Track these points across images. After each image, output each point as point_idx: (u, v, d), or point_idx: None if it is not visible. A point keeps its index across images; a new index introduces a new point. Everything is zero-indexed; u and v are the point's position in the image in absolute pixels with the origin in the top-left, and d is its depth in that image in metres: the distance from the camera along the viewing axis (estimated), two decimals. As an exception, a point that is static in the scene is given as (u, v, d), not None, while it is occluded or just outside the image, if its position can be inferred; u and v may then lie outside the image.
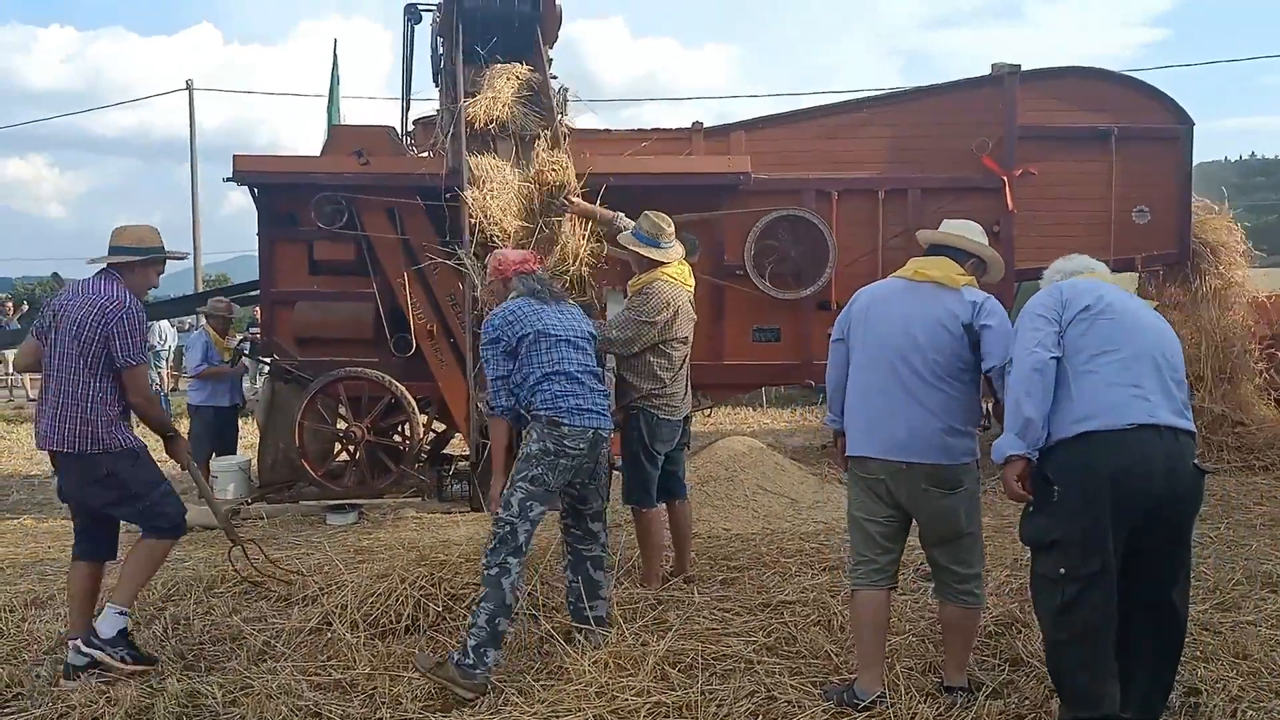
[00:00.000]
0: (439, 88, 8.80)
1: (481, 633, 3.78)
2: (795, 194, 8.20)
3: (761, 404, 15.24)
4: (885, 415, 3.58)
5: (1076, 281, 3.40)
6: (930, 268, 3.70)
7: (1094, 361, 3.16)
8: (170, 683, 3.84)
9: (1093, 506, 3.06)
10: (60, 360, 4.03)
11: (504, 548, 3.90)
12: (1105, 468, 3.05)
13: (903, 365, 3.57)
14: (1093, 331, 3.20)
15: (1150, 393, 3.11)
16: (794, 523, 6.81)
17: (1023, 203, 8.27)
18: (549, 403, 4.04)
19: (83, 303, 4.04)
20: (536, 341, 4.12)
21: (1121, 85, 8.80)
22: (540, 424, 4.02)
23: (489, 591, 3.86)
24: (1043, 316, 3.26)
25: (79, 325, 4.00)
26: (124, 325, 4.01)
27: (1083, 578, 3.07)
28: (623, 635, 4.07)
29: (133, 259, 4.17)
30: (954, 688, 3.66)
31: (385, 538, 6.42)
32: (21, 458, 11.52)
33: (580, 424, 4.04)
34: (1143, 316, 3.30)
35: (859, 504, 3.70)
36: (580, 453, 4.05)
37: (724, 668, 3.88)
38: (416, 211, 7.77)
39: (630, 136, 8.39)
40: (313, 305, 7.96)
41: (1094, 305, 3.25)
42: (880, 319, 3.68)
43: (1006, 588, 4.82)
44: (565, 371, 4.11)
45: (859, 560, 3.68)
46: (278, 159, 8.50)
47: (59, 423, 4.00)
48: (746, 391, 12.14)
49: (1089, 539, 3.07)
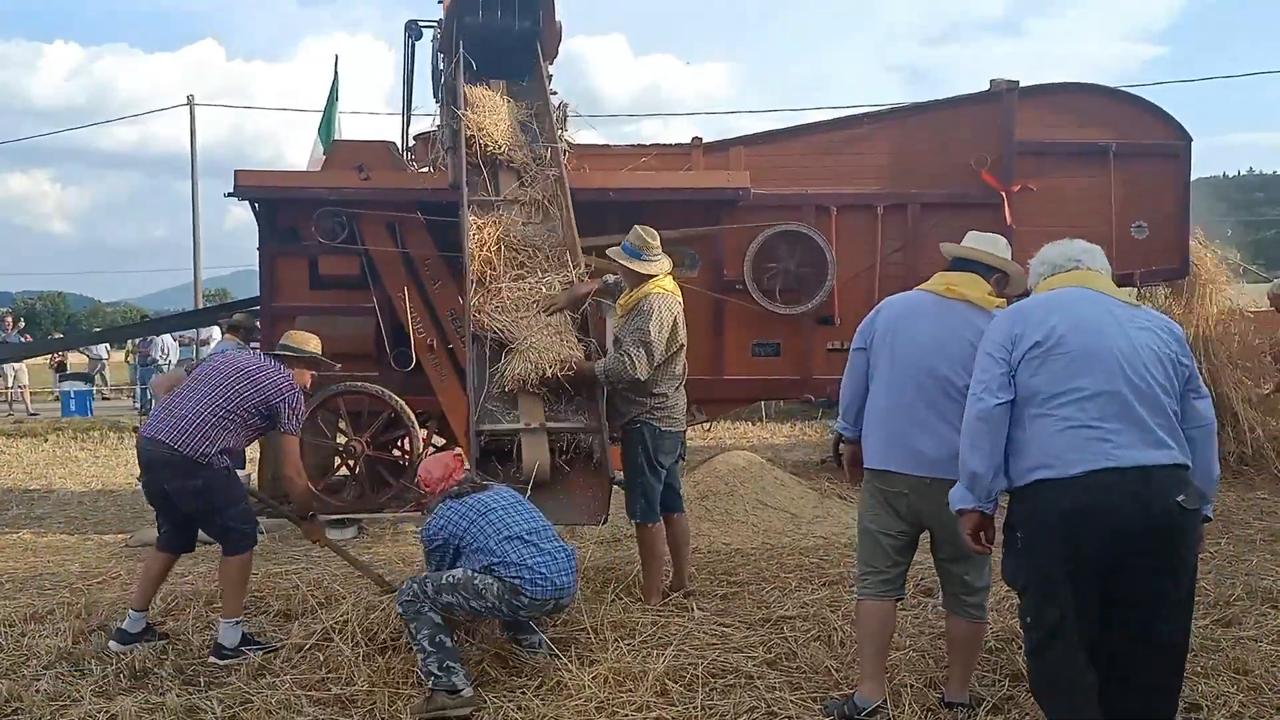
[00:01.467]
0: (439, 103, 8.85)
1: (431, 654, 3.77)
2: (794, 209, 8.21)
3: (761, 418, 15.23)
4: (911, 430, 3.57)
5: (1036, 303, 3.12)
6: (962, 285, 3.68)
7: (1047, 405, 2.92)
8: (170, 698, 3.84)
9: (1043, 557, 2.90)
10: (217, 390, 4.55)
11: (415, 606, 3.88)
12: (1054, 517, 2.87)
13: (931, 383, 3.56)
14: (1044, 370, 2.94)
15: (1112, 432, 2.84)
16: (794, 537, 6.80)
17: (1021, 218, 8.27)
18: (516, 565, 3.91)
19: (260, 365, 4.69)
20: (475, 524, 4.05)
21: (1120, 101, 8.83)
22: (502, 584, 3.89)
23: (416, 623, 3.85)
24: (990, 356, 3.04)
25: (247, 378, 4.58)
26: (294, 399, 4.65)
27: (1043, 626, 2.94)
28: (623, 651, 4.06)
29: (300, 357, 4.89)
30: (956, 703, 3.66)
31: (385, 552, 6.41)
32: (21, 472, 11.51)
33: (541, 596, 3.92)
34: (1107, 338, 2.94)
35: (873, 516, 3.69)
36: (531, 618, 4.06)
37: (724, 683, 3.87)
38: (417, 226, 7.80)
39: (630, 152, 8.42)
40: (313, 320, 7.96)
41: (1045, 340, 2.96)
42: (909, 335, 3.65)
43: (1008, 603, 4.80)
44: (515, 534, 4.01)
45: (867, 570, 3.69)
46: (278, 174, 8.53)
47: (181, 423, 4.46)
48: (746, 406, 12.12)
49: (1045, 589, 2.92)
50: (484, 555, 3.94)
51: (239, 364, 4.68)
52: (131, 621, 4.55)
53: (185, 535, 4.73)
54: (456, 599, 3.89)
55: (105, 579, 5.75)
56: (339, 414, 7.76)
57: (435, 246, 7.81)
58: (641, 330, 4.94)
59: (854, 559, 4.19)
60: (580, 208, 6.91)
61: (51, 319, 46.82)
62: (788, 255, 8.11)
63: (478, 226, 6.45)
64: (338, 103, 11.79)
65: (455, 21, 8.20)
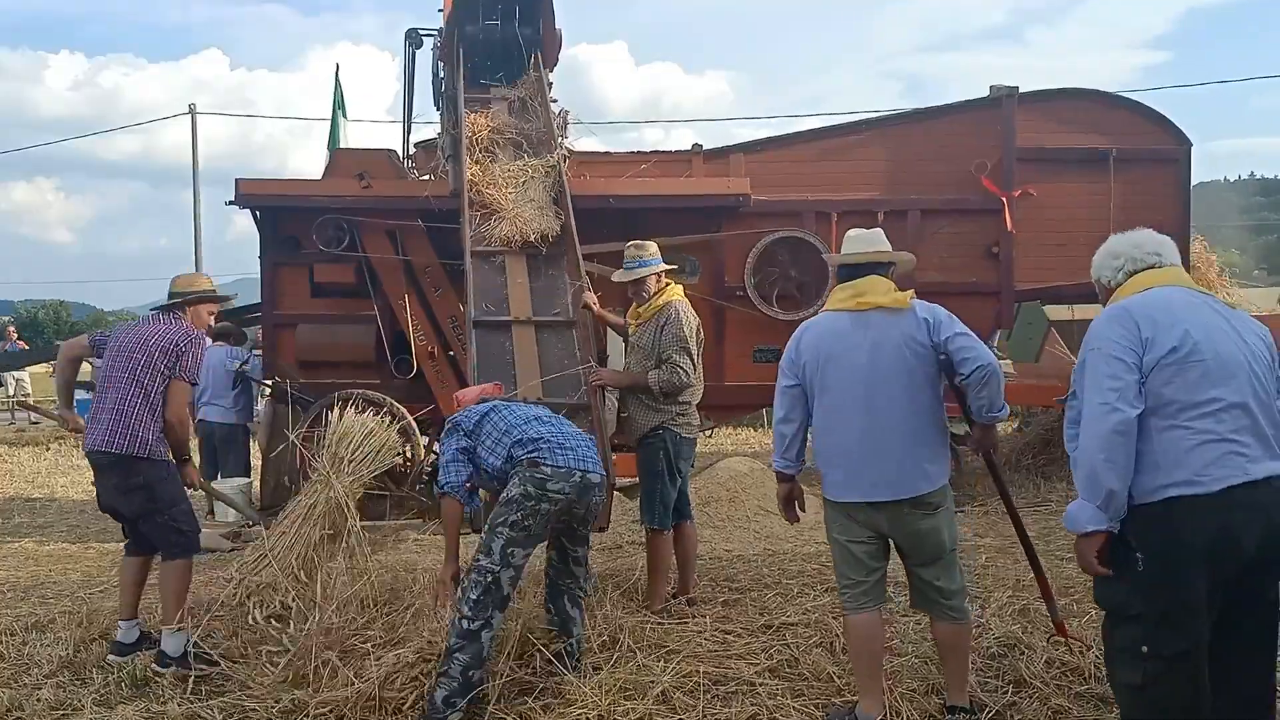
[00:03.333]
0: (440, 111, 8.87)
1: (453, 683, 3.64)
2: (795, 216, 8.23)
3: (763, 424, 15.21)
4: (871, 458, 3.51)
5: (1151, 304, 2.85)
6: (871, 293, 3.60)
7: (1181, 415, 2.71)
8: (171, 706, 3.84)
9: (1181, 581, 2.67)
10: (129, 372, 4.45)
11: (489, 599, 3.73)
12: (1196, 539, 2.66)
13: (876, 402, 3.50)
14: (1179, 379, 2.72)
15: (1246, 445, 2.70)
16: (796, 544, 6.79)
17: (1022, 224, 8.30)
18: (527, 447, 3.92)
19: (154, 328, 4.55)
20: (495, 412, 4.12)
21: (1120, 107, 8.85)
22: (520, 469, 3.87)
23: (465, 644, 3.68)
24: (1121, 361, 2.75)
25: (151, 345, 4.47)
26: (196, 345, 4.56)
27: (1168, 657, 2.69)
28: (625, 659, 4.05)
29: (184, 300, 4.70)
30: (957, 708, 3.65)
31: (386, 560, 6.39)
32: (23, 480, 11.51)
33: (564, 463, 3.86)
34: (1235, 346, 2.79)
35: (839, 527, 3.67)
36: (565, 496, 3.84)
37: (726, 690, 3.87)
38: (418, 234, 7.81)
39: (630, 159, 8.45)
40: (315, 328, 7.98)
41: (1181, 347, 2.73)
42: (839, 359, 3.56)
43: (1009, 609, 4.80)
44: (537, 416, 4.11)
45: (845, 584, 3.65)
46: (280, 182, 8.55)
47: (112, 426, 4.39)
48: (748, 412, 12.14)
49: (1177, 616, 2.68)
50: (504, 443, 3.97)
51: (136, 336, 4.54)
52: (123, 632, 4.53)
53: (148, 537, 4.63)
54: (501, 535, 3.77)
55: (107, 588, 5.73)
56: (340, 422, 7.75)
57: (436, 254, 7.82)
58: (679, 338, 4.99)
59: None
60: (581, 214, 6.93)
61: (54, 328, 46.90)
62: (788, 261, 8.12)
63: (472, 119, 7.39)
64: (342, 112, 11.80)
65: (456, 30, 8.23)
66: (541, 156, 7.34)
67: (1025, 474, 9.18)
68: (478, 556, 3.81)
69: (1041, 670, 3.94)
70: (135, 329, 4.60)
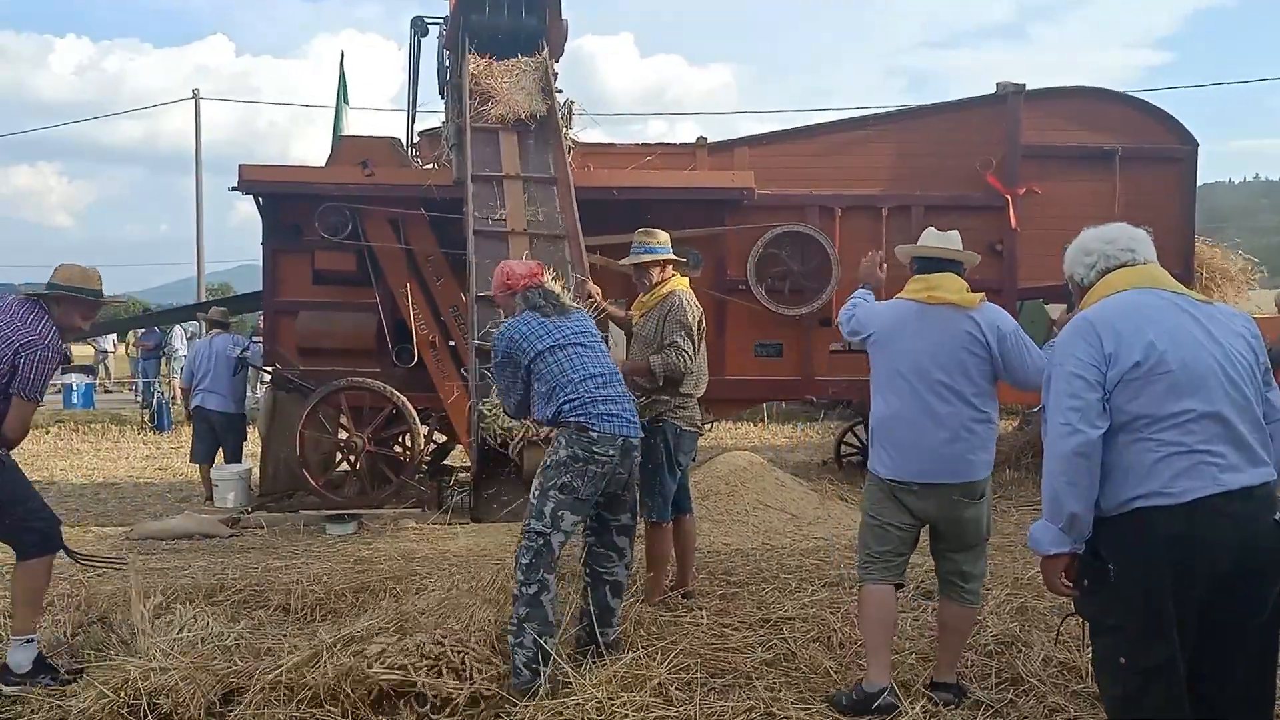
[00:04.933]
0: (445, 100, 8.85)
1: (529, 651, 3.72)
2: (799, 210, 8.22)
3: (762, 419, 15.23)
4: (919, 441, 3.63)
5: (1116, 314, 2.72)
6: (943, 289, 3.71)
7: (1147, 429, 2.62)
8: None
9: (1152, 594, 2.60)
10: None
11: (540, 562, 3.79)
12: (1165, 551, 2.58)
13: (929, 393, 3.62)
14: (1145, 394, 2.62)
15: (1218, 454, 2.60)
16: (794, 539, 6.79)
17: (1026, 221, 8.29)
18: (577, 409, 3.91)
19: (7, 319, 3.97)
20: (553, 353, 4.01)
21: (1126, 106, 8.84)
22: (568, 430, 3.89)
23: (530, 611, 3.75)
24: (1081, 378, 2.65)
25: None
26: (38, 354, 3.94)
27: (1144, 670, 2.64)
28: (623, 651, 4.05)
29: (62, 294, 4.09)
30: (943, 684, 3.72)
31: (385, 548, 6.41)
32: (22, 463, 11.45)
33: (610, 430, 3.89)
34: (1206, 353, 2.65)
35: (881, 509, 3.73)
36: (611, 459, 3.88)
37: (723, 683, 3.87)
38: (420, 222, 7.80)
39: (635, 151, 8.43)
40: (315, 315, 7.97)
41: (1145, 360, 2.62)
42: (901, 347, 3.69)
43: (1007, 606, 4.80)
44: (590, 374, 4.00)
45: (872, 557, 3.72)
46: (283, 169, 8.53)
47: None
48: (748, 407, 12.14)
49: (1151, 628, 2.61)
50: (557, 387, 3.94)
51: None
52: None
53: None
54: (552, 498, 3.81)
55: (105, 571, 5.73)
56: (340, 409, 7.77)
57: (438, 243, 7.81)
58: (681, 324, 4.98)
59: (854, 561, 4.16)
60: (584, 206, 6.93)
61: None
62: (791, 256, 8.11)
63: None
64: (345, 100, 11.78)
65: (461, 19, 8.20)
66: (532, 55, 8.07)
67: (1024, 472, 9.18)
68: (528, 521, 3.84)
69: (1039, 668, 3.94)
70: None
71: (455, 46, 8.36)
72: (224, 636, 4.35)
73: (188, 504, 8.53)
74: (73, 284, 4.11)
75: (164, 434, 14.41)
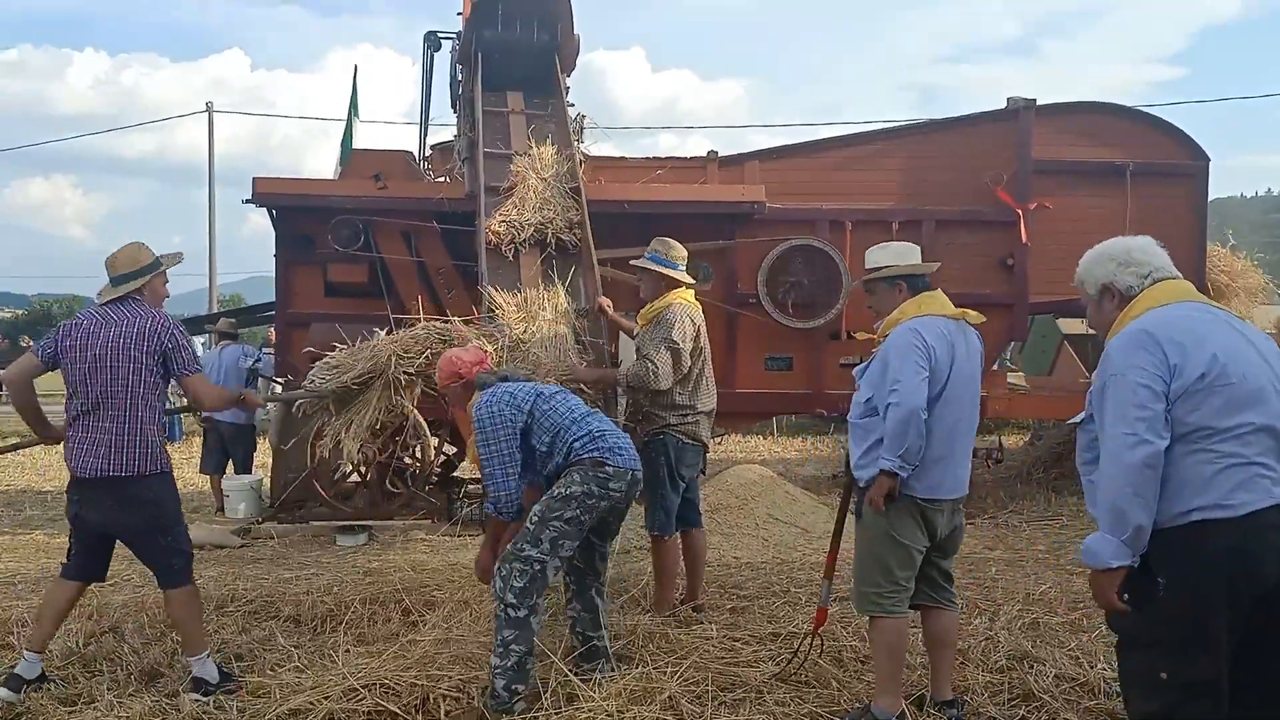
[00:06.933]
0: (457, 114, 8.90)
1: (511, 673, 3.72)
2: (809, 224, 8.23)
3: (773, 432, 15.21)
4: (959, 458, 3.71)
5: (1173, 326, 2.69)
6: (948, 305, 3.78)
7: (1205, 441, 2.61)
8: (183, 700, 3.85)
9: (1205, 607, 2.58)
10: (109, 385, 3.95)
11: (534, 587, 3.76)
12: (1220, 563, 2.57)
13: (965, 406, 3.70)
14: (1206, 405, 2.61)
15: (1272, 469, 2.61)
16: (804, 552, 6.78)
17: (1037, 236, 8.29)
18: (588, 444, 3.88)
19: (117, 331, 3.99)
20: (546, 400, 3.99)
21: (1137, 121, 8.83)
22: (583, 466, 3.85)
23: (518, 634, 3.73)
24: (1148, 388, 2.60)
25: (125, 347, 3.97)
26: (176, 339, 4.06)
27: (1186, 685, 2.60)
28: (634, 664, 4.05)
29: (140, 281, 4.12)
30: (949, 702, 3.72)
31: (395, 560, 6.42)
32: (34, 473, 11.58)
33: (622, 464, 3.89)
34: (1259, 367, 2.67)
35: (907, 533, 3.64)
36: (620, 494, 3.90)
37: (733, 697, 3.86)
38: (432, 234, 7.84)
39: (646, 164, 8.46)
40: (327, 327, 8.00)
41: (1209, 372, 2.61)
42: (957, 363, 3.65)
43: (1018, 622, 4.79)
44: (586, 412, 4.02)
45: (894, 588, 3.64)
46: (296, 181, 8.58)
47: (115, 446, 3.93)
48: (758, 420, 12.12)
49: (1200, 642, 2.59)
50: (561, 430, 3.89)
51: (104, 340, 3.99)
52: (27, 665, 4.05)
53: (102, 562, 4.26)
54: (554, 527, 3.76)
55: (117, 581, 5.75)
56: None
57: (450, 256, 7.84)
58: (666, 339, 4.95)
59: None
60: (595, 219, 6.94)
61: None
62: (802, 270, 8.12)
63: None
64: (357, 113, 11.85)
65: (474, 34, 8.25)
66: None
67: (1036, 488, 9.15)
68: (523, 546, 3.79)
69: (1050, 685, 3.93)
70: (95, 331, 3.98)
71: (468, 61, 8.41)
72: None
73: (199, 514, 8.56)
74: (138, 266, 4.12)
75: (175, 444, 14.46)
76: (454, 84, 9.08)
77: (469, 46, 8.36)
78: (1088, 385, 2.89)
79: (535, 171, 7.19)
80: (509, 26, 8.32)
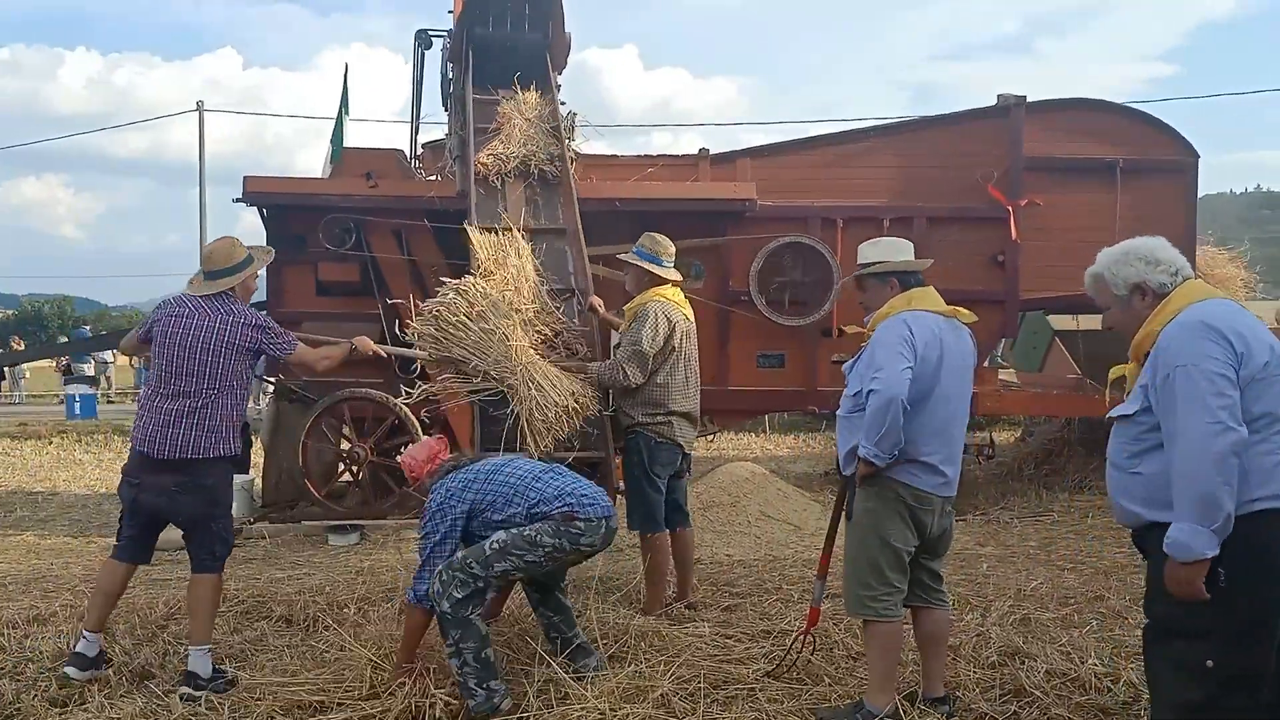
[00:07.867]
0: (448, 112, 8.89)
1: (475, 669, 3.64)
2: (801, 221, 8.24)
3: (765, 430, 15.23)
4: (955, 456, 3.72)
5: (1228, 317, 2.72)
6: (940, 302, 3.76)
7: (1270, 429, 2.64)
8: (173, 701, 3.84)
9: (1261, 597, 2.61)
10: (197, 375, 4.11)
11: (472, 600, 3.69)
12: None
13: (960, 404, 3.70)
14: (1269, 394, 2.64)
15: None
16: (796, 549, 6.79)
17: (1027, 233, 8.31)
18: (554, 501, 3.78)
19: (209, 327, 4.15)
20: (498, 471, 3.91)
21: (1128, 117, 8.85)
22: (553, 522, 3.75)
23: (464, 631, 3.64)
24: (1225, 377, 2.61)
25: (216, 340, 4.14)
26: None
27: (1232, 676, 2.61)
28: (625, 663, 4.05)
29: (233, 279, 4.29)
30: (941, 698, 3.73)
31: (387, 559, 6.41)
32: (25, 474, 11.54)
33: (596, 515, 3.80)
34: None
35: (899, 535, 3.62)
36: (594, 547, 3.84)
37: (726, 695, 3.86)
38: (423, 233, 7.83)
39: (637, 162, 8.46)
40: (319, 326, 7.98)
41: (1272, 360, 2.66)
42: (946, 359, 3.61)
43: (1010, 618, 4.80)
44: (544, 468, 3.95)
45: (887, 589, 3.63)
46: (287, 180, 8.56)
47: (194, 430, 4.08)
48: (751, 417, 12.14)
49: (1253, 633, 2.61)
50: (519, 503, 3.79)
51: (195, 333, 4.17)
52: (87, 644, 4.19)
53: (150, 544, 4.38)
54: (510, 562, 3.70)
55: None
56: (343, 420, 7.78)
57: (442, 254, 7.83)
58: (635, 338, 4.96)
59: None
60: (587, 217, 6.94)
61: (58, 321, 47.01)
62: (793, 267, 8.12)
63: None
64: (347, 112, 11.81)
65: (465, 32, 8.24)
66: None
67: (1027, 484, 9.18)
68: (472, 563, 3.72)
69: (1042, 680, 3.93)
70: (188, 322, 4.14)
71: (459, 59, 8.40)
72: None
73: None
74: (234, 263, 4.28)
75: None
76: (445, 82, 9.07)
77: (460, 44, 8.35)
78: (1078, 381, 2.90)
79: (520, 113, 7.62)
80: (500, 24, 8.31)
